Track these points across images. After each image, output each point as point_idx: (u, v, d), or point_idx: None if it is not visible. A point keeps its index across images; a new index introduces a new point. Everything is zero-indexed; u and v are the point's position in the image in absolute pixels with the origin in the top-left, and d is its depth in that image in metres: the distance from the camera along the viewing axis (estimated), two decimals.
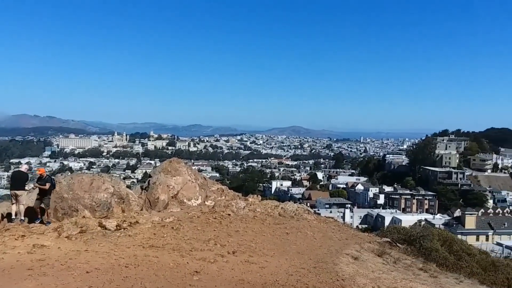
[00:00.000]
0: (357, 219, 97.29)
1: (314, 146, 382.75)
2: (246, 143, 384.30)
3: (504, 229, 77.22)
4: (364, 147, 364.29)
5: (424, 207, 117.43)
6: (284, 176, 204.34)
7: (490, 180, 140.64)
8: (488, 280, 12.42)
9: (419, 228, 18.55)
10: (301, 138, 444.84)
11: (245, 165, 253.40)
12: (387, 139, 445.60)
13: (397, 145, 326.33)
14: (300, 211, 15.12)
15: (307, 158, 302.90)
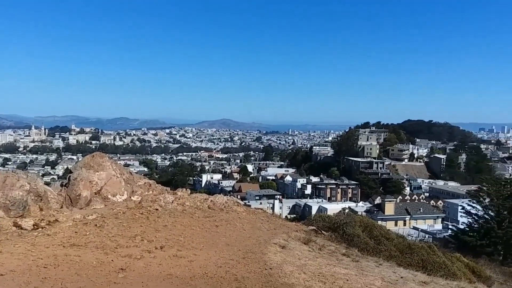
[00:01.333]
0: (286, 209, 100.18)
1: (244, 139, 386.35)
2: (176, 136, 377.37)
3: (420, 214, 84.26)
4: (292, 139, 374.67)
5: (348, 195, 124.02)
6: (215, 169, 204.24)
7: (407, 169, 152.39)
8: (405, 262, 13.31)
9: (343, 215, 19.51)
10: (231, 131, 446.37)
11: (174, 159, 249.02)
12: (314, 131, 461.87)
13: (323, 137, 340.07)
14: (229, 204, 15.15)
15: (237, 151, 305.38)
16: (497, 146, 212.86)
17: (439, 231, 70.97)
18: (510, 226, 33.85)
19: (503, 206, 34.87)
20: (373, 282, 10.25)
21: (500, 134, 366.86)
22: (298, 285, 8.95)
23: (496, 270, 17.76)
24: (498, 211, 35.08)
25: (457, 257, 15.63)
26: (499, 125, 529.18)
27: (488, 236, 33.79)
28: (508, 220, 34.35)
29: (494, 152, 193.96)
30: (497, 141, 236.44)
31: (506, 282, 15.94)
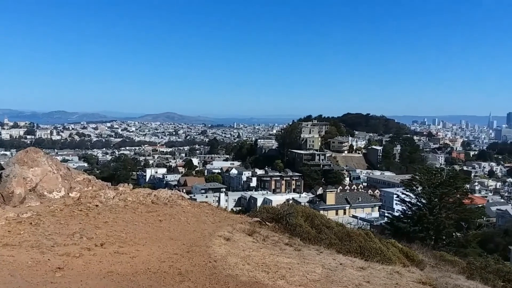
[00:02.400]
0: (231, 202, 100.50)
1: (189, 132, 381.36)
2: (117, 130, 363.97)
3: (358, 203, 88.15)
4: (237, 133, 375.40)
5: (292, 187, 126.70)
6: (159, 163, 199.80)
7: (347, 160, 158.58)
8: (344, 249, 13.88)
9: (286, 206, 19.94)
10: (176, 125, 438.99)
11: (116, 154, 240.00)
12: (258, 124, 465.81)
13: (267, 130, 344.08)
14: (174, 198, 14.96)
15: (182, 145, 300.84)
16: (428, 137, 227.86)
17: (376, 219, 74.91)
18: (440, 213, 36.41)
19: (434, 194, 37.35)
20: (314, 269, 10.64)
21: (432, 126, 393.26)
22: (242, 276, 9.07)
23: (428, 254, 19.03)
24: (429, 198, 37.50)
25: (392, 243, 16.54)
26: (430, 117, 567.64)
27: (420, 222, 36.09)
28: (438, 207, 36.90)
29: (426, 143, 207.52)
30: (429, 133, 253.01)
31: (437, 265, 17.13)
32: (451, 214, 36.43)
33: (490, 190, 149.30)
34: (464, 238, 37.19)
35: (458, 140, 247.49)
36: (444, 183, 37.85)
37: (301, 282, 9.45)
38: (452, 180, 38.99)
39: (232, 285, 8.41)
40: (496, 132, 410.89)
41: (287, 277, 9.65)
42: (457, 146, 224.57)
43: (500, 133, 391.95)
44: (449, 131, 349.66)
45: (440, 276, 12.81)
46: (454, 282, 11.91)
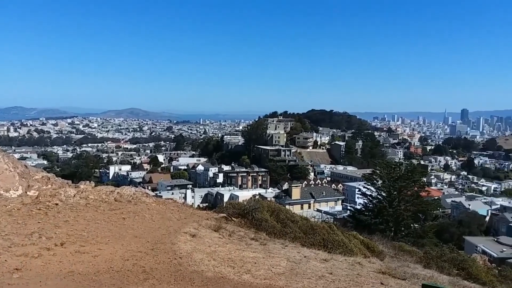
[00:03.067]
0: (198, 199, 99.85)
1: (154, 128, 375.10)
2: (79, 126, 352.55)
3: (323, 197, 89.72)
4: (204, 129, 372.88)
5: (258, 182, 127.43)
6: (123, 160, 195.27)
7: (311, 155, 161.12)
8: (308, 242, 14.16)
9: (253, 202, 20.08)
10: (140, 121, 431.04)
11: (78, 151, 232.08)
12: (224, 120, 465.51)
13: (234, 126, 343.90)
14: (138, 195, 14.75)
15: (147, 141, 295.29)
16: (388, 133, 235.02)
17: (339, 212, 76.70)
18: (399, 205, 37.74)
19: (393, 187, 38.64)
20: (278, 263, 10.83)
21: (391, 122, 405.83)
22: (207, 271, 9.10)
23: (388, 245, 19.70)
24: (389, 191, 38.77)
25: (354, 235, 17.02)
26: (390, 114, 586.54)
27: (381, 215, 37.28)
28: (397, 200, 38.22)
29: (386, 138, 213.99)
30: (389, 129, 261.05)
31: (396, 255, 17.79)
32: (409, 206, 37.81)
33: (446, 183, 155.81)
34: (422, 229, 38.65)
35: (416, 136, 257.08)
36: (403, 177, 39.23)
37: (266, 276, 9.60)
38: (410, 173, 40.47)
39: (197, 281, 8.43)
40: (451, 127, 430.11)
41: (253, 271, 9.78)
42: (415, 141, 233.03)
43: (455, 129, 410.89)
44: (407, 127, 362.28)
45: (399, 266, 13.33)
46: (412, 271, 12.43)
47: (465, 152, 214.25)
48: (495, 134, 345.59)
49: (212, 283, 8.47)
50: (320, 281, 9.61)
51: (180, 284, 8.09)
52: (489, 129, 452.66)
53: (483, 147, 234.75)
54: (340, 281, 9.76)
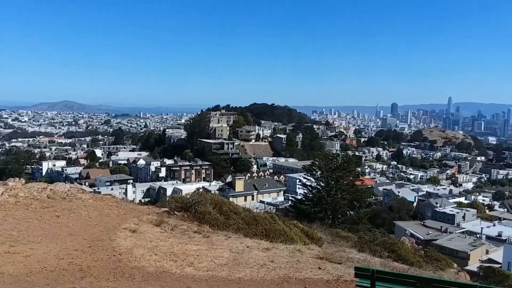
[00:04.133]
0: (140, 194, 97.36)
1: (90, 122, 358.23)
2: (7, 120, 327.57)
3: (265, 189, 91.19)
4: (144, 122, 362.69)
5: (202, 176, 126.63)
6: (57, 155, 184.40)
7: (254, 148, 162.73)
8: (251, 232, 14.41)
9: (195, 195, 19.99)
10: (76, 114, 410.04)
11: (7, 146, 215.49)
12: (166, 114, 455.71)
13: (176, 120, 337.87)
14: (73, 192, 14.12)
15: (84, 135, 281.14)
16: (326, 126, 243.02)
17: (281, 203, 78.56)
18: (336, 194, 39.38)
19: (331, 177, 40.27)
20: (222, 254, 10.95)
21: (329, 116, 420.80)
22: (149, 267, 9.00)
23: (326, 232, 20.55)
24: (327, 181, 40.33)
25: (294, 224, 17.57)
26: (328, 108, 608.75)
27: (320, 204, 38.73)
28: (335, 189, 39.87)
29: (324, 131, 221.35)
30: (326, 122, 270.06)
31: (333, 241, 18.61)
32: (345, 195, 39.64)
33: (378, 172, 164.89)
34: (356, 215, 40.72)
35: (351, 128, 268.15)
36: (339, 167, 41.04)
37: (209, 267, 9.69)
38: (346, 164, 42.40)
39: (138, 276, 8.32)
40: (382, 120, 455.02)
41: (195, 264, 9.82)
42: (350, 133, 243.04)
43: (386, 122, 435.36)
44: (343, 120, 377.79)
45: (335, 251, 13.99)
46: (347, 255, 13.11)
47: (395, 143, 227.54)
48: (421, 127, 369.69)
49: (153, 278, 8.39)
50: (262, 270, 9.87)
51: (119, 280, 7.93)
52: (416, 122, 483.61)
53: (411, 139, 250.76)
54: (281, 268, 10.09)
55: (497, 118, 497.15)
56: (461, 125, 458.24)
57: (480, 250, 53.64)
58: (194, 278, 8.79)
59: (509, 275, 27.65)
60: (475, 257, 51.14)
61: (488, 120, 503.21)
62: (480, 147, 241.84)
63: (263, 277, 9.25)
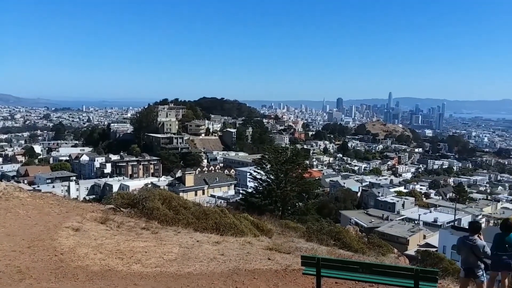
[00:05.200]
0: (84, 191, 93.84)
1: (28, 116, 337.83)
2: None
3: (216, 183, 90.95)
4: (87, 117, 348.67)
5: (150, 171, 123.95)
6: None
7: (204, 143, 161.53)
8: (201, 227, 14.36)
9: (143, 191, 19.55)
10: (11, 108, 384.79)
11: None
12: (111, 108, 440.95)
13: (121, 113, 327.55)
14: (9, 190, 13.32)
15: (21, 131, 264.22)
16: (275, 120, 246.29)
17: (232, 196, 78.85)
18: (286, 186, 40.15)
19: (281, 170, 40.95)
20: (171, 250, 10.83)
21: (278, 110, 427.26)
22: (93, 265, 8.74)
23: (276, 223, 20.92)
24: (276, 174, 40.99)
25: (244, 217, 17.70)
26: (277, 102, 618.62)
27: (270, 196, 39.30)
28: (284, 181, 40.62)
29: (273, 125, 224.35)
30: (275, 116, 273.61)
31: (282, 232, 18.99)
32: (294, 187, 40.55)
33: (325, 164, 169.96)
34: (305, 207, 41.78)
35: (299, 122, 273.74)
36: (288, 160, 41.84)
37: (158, 264, 9.56)
38: (294, 157, 43.34)
39: (82, 276, 8.04)
40: (329, 114, 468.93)
41: (143, 260, 9.65)
42: (299, 127, 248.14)
43: (332, 116, 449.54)
44: (292, 114, 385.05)
45: (284, 242, 14.31)
46: (296, 245, 13.46)
47: (340, 136, 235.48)
48: (365, 120, 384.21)
49: (98, 277, 8.15)
50: (211, 263, 9.90)
51: (62, 281, 7.63)
52: (359, 116, 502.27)
53: (355, 132, 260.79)
54: (231, 261, 10.17)
55: (433, 112, 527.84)
56: (401, 119, 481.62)
57: (418, 235, 57.03)
58: (141, 275, 8.63)
59: (443, 257, 29.68)
60: (414, 242, 54.29)
61: (425, 114, 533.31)
62: (418, 139, 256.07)
63: (212, 271, 9.29)
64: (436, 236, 53.90)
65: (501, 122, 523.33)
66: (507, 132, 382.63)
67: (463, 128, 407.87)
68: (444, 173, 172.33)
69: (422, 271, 7.13)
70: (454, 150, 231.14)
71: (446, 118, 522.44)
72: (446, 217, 70.15)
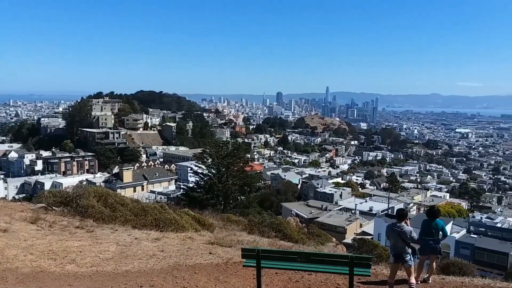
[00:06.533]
0: (12, 190, 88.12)
1: None
2: None
3: (156, 179, 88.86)
4: (15, 111, 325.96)
5: (85, 167, 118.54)
6: None
7: (142, 137, 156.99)
8: (140, 223, 14.05)
9: (76, 188, 18.68)
10: None
11: None
12: (41, 101, 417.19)
13: (52, 108, 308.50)
14: None
15: None
16: (216, 114, 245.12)
17: (173, 191, 77.66)
18: (227, 180, 40.33)
19: (222, 164, 41.06)
20: (107, 248, 10.49)
21: (218, 104, 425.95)
22: (24, 267, 8.28)
23: (218, 217, 20.93)
24: (218, 168, 41.04)
25: (185, 212, 17.54)
26: (217, 96, 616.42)
27: (211, 190, 39.28)
28: (226, 175, 40.78)
29: (214, 119, 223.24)
30: (216, 110, 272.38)
31: (224, 226, 19.08)
32: (236, 181, 40.90)
33: (266, 157, 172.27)
34: (247, 200, 42.33)
35: (240, 116, 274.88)
36: (230, 154, 42.06)
37: (93, 263, 9.24)
38: (236, 151, 43.64)
39: (11, 279, 7.59)
40: (269, 108, 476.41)
41: (78, 260, 9.30)
42: (240, 121, 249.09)
43: (272, 109, 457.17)
44: (232, 108, 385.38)
45: (226, 235, 14.42)
46: (238, 238, 13.61)
47: (280, 130, 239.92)
48: (304, 114, 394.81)
49: (29, 279, 7.72)
50: (151, 260, 9.73)
51: None
52: (299, 109, 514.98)
53: (295, 125, 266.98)
54: (171, 257, 10.06)
55: (367, 106, 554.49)
56: (338, 113, 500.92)
57: (355, 224, 59.94)
58: (76, 276, 8.30)
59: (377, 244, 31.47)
60: (351, 231, 57.00)
61: (360, 107, 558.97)
62: (354, 132, 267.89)
63: (152, 268, 9.14)
64: (371, 224, 56.94)
65: (430, 115, 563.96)
66: (435, 125, 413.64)
67: (395, 121, 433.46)
68: (378, 164, 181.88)
69: (357, 258, 7.53)
70: (387, 142, 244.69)
71: (379, 112, 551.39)
72: (380, 206, 74.29)
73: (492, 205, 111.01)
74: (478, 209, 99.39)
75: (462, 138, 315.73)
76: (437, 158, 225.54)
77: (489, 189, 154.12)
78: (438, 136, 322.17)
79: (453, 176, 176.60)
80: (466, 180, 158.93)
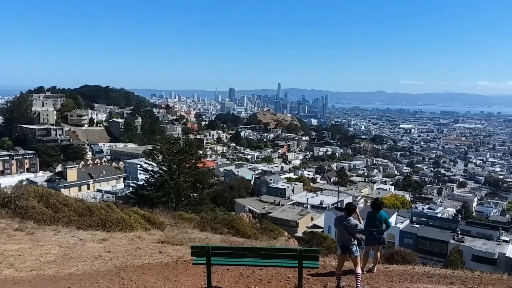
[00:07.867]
0: None
1: None
2: None
3: (103, 177, 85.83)
4: None
5: (25, 166, 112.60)
6: None
7: (88, 134, 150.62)
8: (85, 224, 13.45)
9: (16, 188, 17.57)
10: None
11: None
12: None
13: None
14: None
15: None
16: (166, 110, 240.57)
17: (122, 190, 75.38)
18: (179, 177, 39.62)
19: (173, 161, 40.25)
20: (49, 250, 9.96)
21: (169, 100, 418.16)
22: None
23: (169, 215, 20.49)
24: (169, 165, 40.19)
25: (134, 211, 17.02)
26: (167, 91, 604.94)
27: (162, 188, 38.40)
28: (177, 172, 40.04)
29: (165, 115, 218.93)
30: (167, 106, 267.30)
31: (175, 224, 18.73)
32: (188, 178, 40.26)
33: (219, 154, 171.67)
34: (200, 197, 41.80)
35: (192, 112, 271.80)
36: (182, 151, 41.29)
37: (34, 267, 8.75)
38: (188, 147, 42.91)
39: None
40: (221, 104, 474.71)
41: (16, 264, 8.78)
42: (191, 117, 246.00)
43: (224, 106, 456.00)
44: (184, 104, 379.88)
45: (177, 233, 14.16)
46: (189, 236, 13.40)
47: (233, 126, 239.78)
48: (256, 110, 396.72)
49: None
50: (96, 262, 9.34)
51: None
52: (251, 106, 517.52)
53: (247, 122, 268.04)
54: (118, 258, 9.71)
55: (318, 103, 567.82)
56: (289, 109, 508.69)
57: (306, 218, 61.32)
58: (14, 281, 7.79)
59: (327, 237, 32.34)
60: (303, 225, 58.24)
61: (311, 104, 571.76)
62: (305, 128, 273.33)
63: (97, 269, 8.77)
64: (322, 217, 58.48)
65: (376, 111, 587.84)
66: (381, 121, 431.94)
67: (343, 117, 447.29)
68: (328, 159, 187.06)
69: (305, 251, 7.66)
70: (336, 137, 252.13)
71: (329, 108, 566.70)
72: (330, 200, 76.54)
73: (433, 197, 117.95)
74: (420, 200, 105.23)
75: (405, 134, 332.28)
76: (382, 153, 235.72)
77: (430, 181, 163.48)
78: (384, 131, 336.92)
79: (397, 169, 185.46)
80: (409, 173, 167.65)
